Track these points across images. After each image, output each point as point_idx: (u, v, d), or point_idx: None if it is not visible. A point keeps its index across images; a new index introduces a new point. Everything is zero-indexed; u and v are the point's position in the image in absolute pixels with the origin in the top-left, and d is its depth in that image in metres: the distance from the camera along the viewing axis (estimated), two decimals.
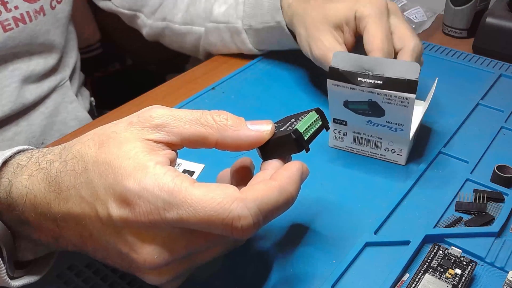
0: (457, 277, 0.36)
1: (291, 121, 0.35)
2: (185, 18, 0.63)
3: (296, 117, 0.35)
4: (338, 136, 0.49)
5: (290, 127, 0.33)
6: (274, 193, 0.29)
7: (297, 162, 0.32)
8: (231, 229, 0.27)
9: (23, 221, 0.31)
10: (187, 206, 0.27)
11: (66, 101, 0.67)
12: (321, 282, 0.37)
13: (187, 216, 0.27)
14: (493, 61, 0.66)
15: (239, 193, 0.28)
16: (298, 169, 0.31)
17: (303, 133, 0.33)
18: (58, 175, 0.30)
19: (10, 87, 0.58)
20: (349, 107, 0.46)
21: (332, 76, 0.44)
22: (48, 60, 0.63)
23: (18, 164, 0.31)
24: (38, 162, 0.31)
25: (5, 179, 0.31)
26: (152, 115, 0.30)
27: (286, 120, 0.36)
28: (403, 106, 0.43)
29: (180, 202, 0.27)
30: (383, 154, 0.48)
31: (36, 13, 0.58)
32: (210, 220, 0.27)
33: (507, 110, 0.56)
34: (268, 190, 0.29)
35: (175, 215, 0.27)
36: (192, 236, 0.29)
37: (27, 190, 0.30)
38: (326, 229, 0.42)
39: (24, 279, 0.32)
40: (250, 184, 0.30)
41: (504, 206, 0.43)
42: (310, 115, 0.35)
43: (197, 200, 0.27)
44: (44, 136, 0.65)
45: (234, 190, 0.28)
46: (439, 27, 0.78)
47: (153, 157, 0.29)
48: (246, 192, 0.28)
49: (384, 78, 0.43)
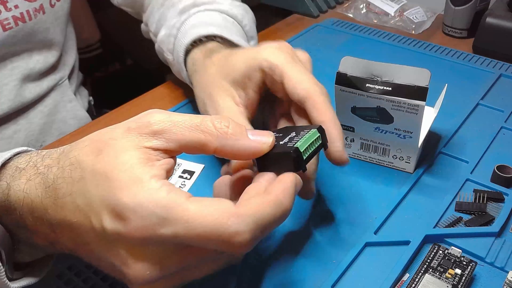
0: (457, 277, 0.36)
1: (292, 134, 0.34)
2: (155, 30, 0.62)
3: (297, 131, 0.35)
4: (345, 142, 0.49)
5: (290, 143, 0.32)
6: (271, 207, 0.29)
7: (291, 174, 0.32)
8: (228, 245, 0.27)
9: (21, 225, 0.31)
10: (183, 222, 0.27)
11: (65, 100, 0.67)
12: (321, 282, 0.37)
13: (183, 232, 0.27)
14: (493, 61, 0.66)
15: (236, 208, 0.28)
16: (292, 182, 0.31)
17: (302, 152, 0.32)
18: (55, 181, 0.29)
19: (9, 86, 0.58)
20: (356, 113, 0.45)
21: (340, 81, 0.43)
22: (47, 58, 0.63)
23: (17, 167, 0.31)
24: (37, 166, 0.31)
25: (3, 182, 0.31)
26: (150, 121, 0.30)
27: (286, 132, 0.35)
28: (412, 113, 0.43)
29: (176, 218, 0.27)
30: (391, 162, 0.48)
31: (36, 11, 0.58)
32: (207, 236, 0.27)
33: (507, 110, 0.56)
34: (264, 204, 0.29)
35: (170, 232, 0.27)
36: (185, 252, 0.29)
37: (24, 195, 0.30)
38: (326, 229, 0.42)
39: (23, 281, 0.32)
40: (245, 199, 0.30)
41: (504, 206, 0.43)
42: (312, 133, 0.34)
43: (193, 216, 0.27)
44: (43, 135, 0.65)
45: (231, 205, 0.28)
46: (439, 27, 0.78)
47: (149, 169, 0.28)
48: (242, 207, 0.28)
49: (393, 84, 0.42)
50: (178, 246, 0.28)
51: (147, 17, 0.65)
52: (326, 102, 0.38)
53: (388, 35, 0.74)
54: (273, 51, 0.40)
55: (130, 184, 0.27)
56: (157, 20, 0.61)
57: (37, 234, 0.31)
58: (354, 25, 0.77)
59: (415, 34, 0.77)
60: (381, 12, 0.82)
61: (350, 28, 0.76)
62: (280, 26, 0.81)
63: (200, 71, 0.46)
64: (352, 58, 0.43)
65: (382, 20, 0.80)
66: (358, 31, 0.75)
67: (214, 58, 0.45)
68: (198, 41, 0.50)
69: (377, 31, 0.75)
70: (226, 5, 0.56)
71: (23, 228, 0.31)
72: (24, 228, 0.31)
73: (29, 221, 0.30)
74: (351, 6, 0.84)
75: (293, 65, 0.39)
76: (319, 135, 0.35)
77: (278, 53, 0.40)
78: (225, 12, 0.55)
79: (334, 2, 0.87)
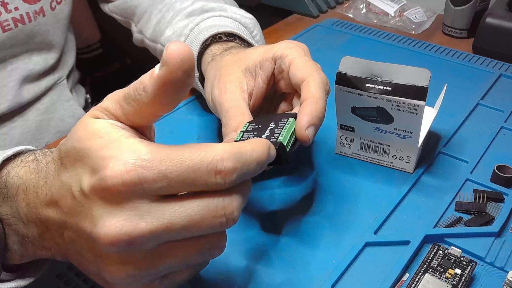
0: (457, 277, 0.36)
1: (271, 126, 0.34)
2: (152, 35, 0.63)
3: (276, 122, 0.35)
4: (345, 142, 0.49)
5: (273, 137, 0.32)
6: (249, 145, 0.30)
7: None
8: (215, 173, 0.27)
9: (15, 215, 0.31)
10: (170, 160, 0.27)
11: (62, 99, 0.68)
12: (321, 282, 0.37)
13: (172, 169, 0.27)
14: (493, 61, 0.66)
15: (217, 144, 0.29)
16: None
17: (286, 145, 0.32)
18: (47, 166, 0.30)
19: (7, 87, 0.58)
20: (356, 113, 0.45)
21: (340, 81, 0.43)
22: (47, 60, 0.63)
23: (21, 159, 0.32)
24: (35, 155, 0.32)
25: (4, 170, 0.32)
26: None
27: (265, 122, 0.35)
28: (412, 113, 0.43)
29: (162, 158, 0.27)
30: (390, 162, 0.48)
31: (36, 14, 0.58)
32: (195, 167, 0.27)
33: (507, 110, 0.56)
34: (244, 143, 0.30)
35: (156, 173, 0.27)
36: (159, 252, 0.29)
37: (20, 180, 0.31)
38: (326, 229, 0.42)
39: (11, 283, 0.32)
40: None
41: (504, 206, 0.43)
42: (291, 123, 0.34)
43: (180, 153, 0.27)
44: (39, 132, 0.65)
45: (211, 143, 0.29)
46: (439, 27, 0.78)
47: (124, 132, 0.29)
48: (222, 144, 0.29)
49: (393, 84, 0.42)
50: (151, 251, 0.28)
51: (142, 25, 0.65)
52: (318, 84, 0.39)
53: (388, 35, 0.74)
54: (288, 45, 0.43)
55: (107, 143, 0.28)
56: (155, 24, 0.62)
57: (28, 226, 0.31)
58: (354, 25, 0.77)
59: (415, 34, 0.77)
60: (381, 12, 0.82)
61: (350, 28, 0.76)
62: (280, 26, 0.81)
63: (217, 60, 0.47)
64: (352, 58, 0.43)
65: (382, 20, 0.80)
66: (358, 31, 0.75)
67: (233, 50, 0.48)
68: (218, 38, 0.51)
69: (377, 31, 0.75)
70: (237, 14, 0.57)
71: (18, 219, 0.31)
72: (19, 219, 0.31)
73: (23, 211, 0.31)
74: (351, 6, 0.84)
75: (303, 58, 0.41)
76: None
77: (292, 46, 0.42)
78: (238, 20, 0.56)
79: (334, 2, 0.87)
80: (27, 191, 0.31)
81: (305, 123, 0.36)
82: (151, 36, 0.63)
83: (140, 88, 0.28)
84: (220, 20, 0.55)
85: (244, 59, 0.44)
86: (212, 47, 0.51)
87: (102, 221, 0.27)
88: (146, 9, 0.65)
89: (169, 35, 0.58)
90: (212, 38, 0.51)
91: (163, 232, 0.27)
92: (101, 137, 0.28)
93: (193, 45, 0.52)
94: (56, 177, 0.30)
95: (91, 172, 0.27)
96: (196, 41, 0.52)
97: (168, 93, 0.28)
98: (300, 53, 0.42)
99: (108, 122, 0.29)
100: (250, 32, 0.57)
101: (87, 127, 0.29)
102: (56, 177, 0.30)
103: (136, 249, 0.28)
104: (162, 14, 0.61)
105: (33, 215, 0.31)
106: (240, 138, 0.34)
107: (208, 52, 0.51)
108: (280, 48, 0.42)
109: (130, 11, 0.68)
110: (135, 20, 0.68)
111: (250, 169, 0.29)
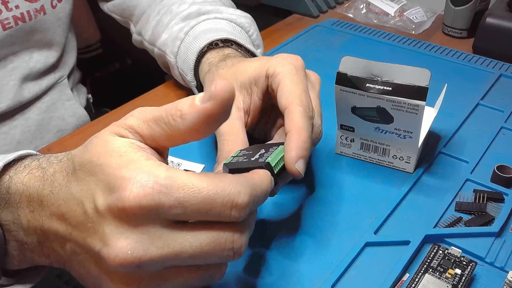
0: (457, 277, 0.36)
1: (261, 151, 0.35)
2: (150, 38, 0.63)
3: (266, 148, 0.35)
4: (345, 142, 0.49)
5: (261, 159, 0.33)
6: (259, 178, 0.31)
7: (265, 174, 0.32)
8: (231, 207, 0.28)
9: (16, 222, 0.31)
10: (187, 188, 0.27)
11: (63, 98, 0.68)
12: (321, 282, 0.37)
13: (188, 197, 0.27)
14: (493, 61, 0.66)
15: (234, 176, 0.29)
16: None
17: (274, 166, 0.33)
18: (54, 175, 0.30)
19: (8, 85, 0.58)
20: (356, 113, 0.45)
21: (340, 81, 0.43)
22: (48, 58, 0.63)
23: (25, 165, 0.32)
24: (40, 162, 0.32)
25: (6, 175, 0.32)
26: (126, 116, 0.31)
27: (256, 149, 0.36)
28: (412, 113, 0.43)
29: (179, 185, 0.27)
30: (391, 162, 0.48)
31: (37, 12, 0.58)
32: (212, 198, 0.27)
33: (507, 110, 0.56)
34: (253, 175, 0.31)
35: (173, 200, 0.27)
36: (163, 274, 0.29)
37: (23, 187, 0.31)
38: (326, 229, 0.42)
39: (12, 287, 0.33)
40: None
41: (504, 206, 0.43)
42: (280, 150, 0.35)
43: (197, 183, 0.27)
44: (40, 131, 0.65)
45: (226, 174, 0.29)
46: (439, 27, 0.78)
47: (142, 153, 0.29)
48: (237, 175, 0.30)
49: (393, 84, 0.42)
50: (152, 273, 0.28)
51: (140, 27, 0.65)
52: (300, 113, 0.37)
53: (388, 35, 0.74)
54: (281, 61, 0.41)
55: (127, 163, 0.28)
56: (153, 27, 0.62)
57: (28, 233, 0.31)
58: (354, 25, 0.77)
59: (415, 34, 0.77)
60: (381, 12, 0.82)
61: (350, 28, 0.76)
62: (280, 26, 0.81)
63: (213, 72, 0.47)
64: (352, 58, 0.43)
65: (382, 20, 0.80)
66: (358, 31, 0.75)
67: (229, 61, 0.47)
68: (214, 45, 0.51)
69: (377, 31, 0.75)
70: (233, 14, 0.57)
71: (19, 226, 0.31)
72: (19, 226, 0.31)
73: (25, 217, 0.31)
74: (351, 6, 0.84)
75: (292, 76, 0.40)
76: None
77: (285, 63, 0.41)
78: (233, 21, 0.56)
79: (334, 2, 0.87)
80: (31, 198, 0.30)
81: (293, 159, 0.35)
82: (150, 39, 0.63)
83: (176, 114, 0.28)
84: (215, 23, 0.55)
85: (238, 74, 0.43)
86: (209, 55, 0.51)
87: (114, 241, 0.27)
88: (144, 10, 0.65)
89: (165, 39, 0.59)
90: (209, 45, 0.51)
91: (172, 259, 0.28)
92: (120, 156, 0.28)
93: (189, 53, 0.52)
94: (64, 188, 0.29)
95: (107, 190, 0.27)
96: (192, 49, 0.52)
97: (208, 125, 0.28)
98: (291, 71, 0.40)
99: (129, 141, 0.29)
100: (246, 32, 0.57)
101: (108, 145, 0.29)
102: (64, 188, 0.29)
103: (142, 271, 0.28)
104: (160, 17, 0.61)
105: (35, 223, 0.30)
106: (230, 162, 0.35)
107: (205, 61, 0.51)
108: (273, 64, 0.41)
109: (129, 11, 0.68)
110: (134, 21, 0.68)
111: (259, 201, 0.30)
